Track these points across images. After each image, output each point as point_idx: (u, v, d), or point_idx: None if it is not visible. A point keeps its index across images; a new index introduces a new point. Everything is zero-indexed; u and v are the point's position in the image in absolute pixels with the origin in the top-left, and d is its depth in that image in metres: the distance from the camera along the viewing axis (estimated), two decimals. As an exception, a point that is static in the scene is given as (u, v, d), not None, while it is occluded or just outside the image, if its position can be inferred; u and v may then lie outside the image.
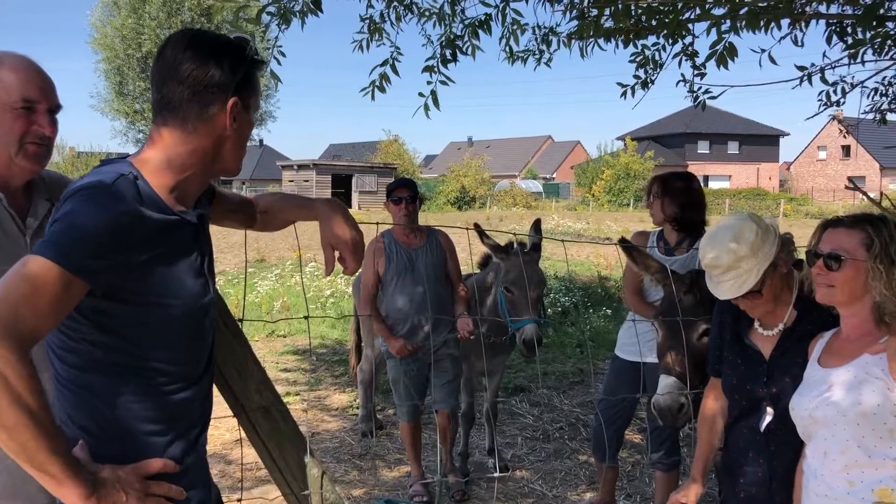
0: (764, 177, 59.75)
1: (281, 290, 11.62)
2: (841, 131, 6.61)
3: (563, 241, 2.61)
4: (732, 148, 60.49)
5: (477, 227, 4.22)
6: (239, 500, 2.03)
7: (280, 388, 6.83)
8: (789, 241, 2.40)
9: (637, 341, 3.82)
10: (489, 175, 48.76)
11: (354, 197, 42.68)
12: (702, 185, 4.01)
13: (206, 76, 1.54)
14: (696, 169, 58.49)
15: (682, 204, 3.73)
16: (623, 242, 3.19)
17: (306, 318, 2.12)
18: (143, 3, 37.52)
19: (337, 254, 1.85)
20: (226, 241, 19.77)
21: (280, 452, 2.09)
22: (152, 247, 1.49)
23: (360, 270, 1.91)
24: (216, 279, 1.97)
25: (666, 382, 2.82)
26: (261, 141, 65.01)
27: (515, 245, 4.31)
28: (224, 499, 1.98)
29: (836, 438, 1.99)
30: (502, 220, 28.92)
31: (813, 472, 2.08)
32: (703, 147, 59.77)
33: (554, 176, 66.98)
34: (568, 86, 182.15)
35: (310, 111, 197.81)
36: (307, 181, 42.19)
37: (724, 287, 2.34)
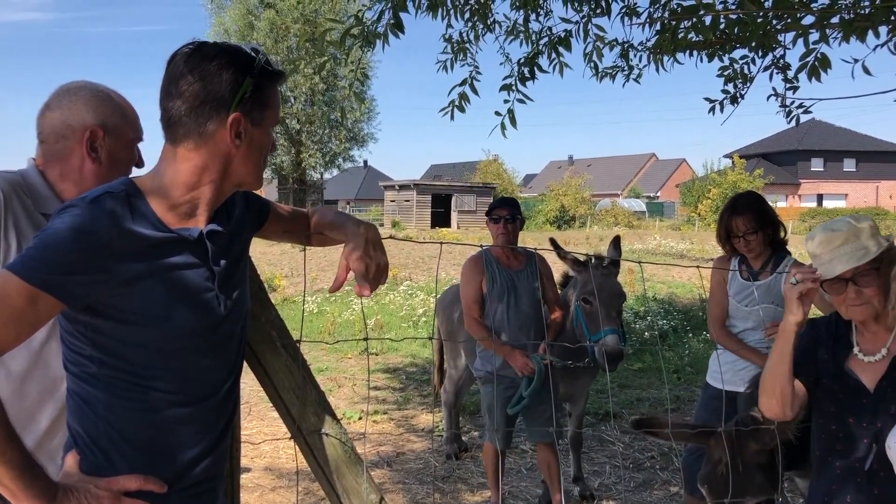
0: (884, 195, 56.36)
1: (375, 308, 11.75)
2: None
3: (639, 262, 2.49)
4: (849, 165, 57.41)
5: (553, 241, 4.13)
6: (293, 524, 2.00)
7: (369, 407, 6.89)
8: None
9: (720, 371, 3.65)
10: (590, 194, 48.14)
11: (454, 216, 42.97)
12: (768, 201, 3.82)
13: (203, 92, 1.48)
14: (810, 188, 55.96)
15: (773, 226, 3.64)
16: (638, 425, 2.77)
17: (366, 339, 2.09)
18: (252, 31, 39.09)
19: (351, 275, 1.74)
20: (326, 260, 20.22)
21: (337, 476, 2.05)
22: (140, 264, 1.46)
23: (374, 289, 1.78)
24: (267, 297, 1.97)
25: None
26: (365, 162, 66.49)
27: (594, 259, 4.20)
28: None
29: None
30: (602, 240, 28.42)
31: None
32: (816, 164, 57.01)
33: (658, 194, 65.45)
34: (673, 102, 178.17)
35: (414, 133, 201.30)
36: (408, 201, 42.82)
37: (840, 261, 2.11)
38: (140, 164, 2.07)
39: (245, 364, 1.91)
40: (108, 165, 1.97)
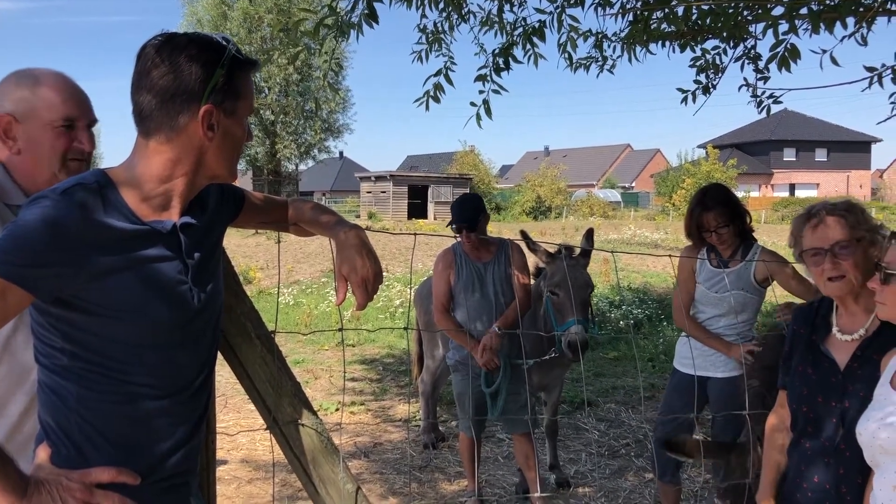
0: (854, 185, 57.21)
1: (352, 300, 11.72)
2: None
3: (612, 251, 2.52)
4: (820, 155, 58.18)
5: (523, 233, 4.15)
6: (270, 515, 2.00)
7: (346, 398, 6.89)
8: (885, 233, 2.16)
9: (692, 356, 3.69)
10: (565, 184, 48.33)
11: (430, 207, 42.96)
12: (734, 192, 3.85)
13: (173, 85, 1.46)
14: (782, 177, 56.63)
15: (741, 217, 3.67)
16: (668, 447, 2.87)
17: (340, 329, 2.09)
18: (225, 21, 38.71)
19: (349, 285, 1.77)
20: (302, 252, 20.14)
21: (314, 467, 2.06)
22: (112, 256, 1.45)
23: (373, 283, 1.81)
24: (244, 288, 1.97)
25: None
26: (341, 153, 66.18)
27: (563, 250, 4.23)
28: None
29: None
30: (578, 231, 28.54)
31: None
32: (789, 154, 57.70)
33: (633, 185, 65.85)
34: (647, 93, 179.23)
35: (389, 124, 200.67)
36: (384, 192, 42.74)
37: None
38: (89, 147, 1.96)
39: (220, 356, 1.91)
40: (31, 152, 1.88)
